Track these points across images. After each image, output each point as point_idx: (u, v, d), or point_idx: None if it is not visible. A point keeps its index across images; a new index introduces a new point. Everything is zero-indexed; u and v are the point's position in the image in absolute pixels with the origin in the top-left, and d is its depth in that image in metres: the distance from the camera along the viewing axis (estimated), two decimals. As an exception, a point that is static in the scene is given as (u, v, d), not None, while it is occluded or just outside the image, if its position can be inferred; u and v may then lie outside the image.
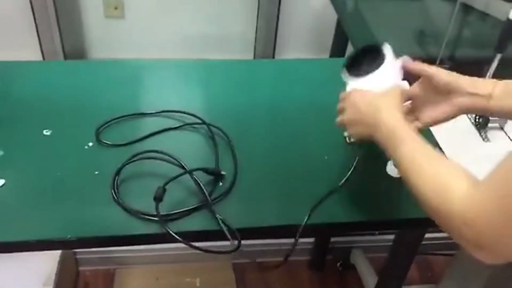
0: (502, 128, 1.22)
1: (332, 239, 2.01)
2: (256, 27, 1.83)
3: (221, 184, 0.94)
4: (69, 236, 0.83)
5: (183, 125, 1.09)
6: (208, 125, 1.07)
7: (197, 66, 1.32)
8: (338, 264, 2.05)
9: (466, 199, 0.58)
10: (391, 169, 1.00)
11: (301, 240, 0.88)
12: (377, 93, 0.83)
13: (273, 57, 1.85)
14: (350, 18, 1.55)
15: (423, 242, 1.95)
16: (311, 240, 2.00)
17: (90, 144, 1.01)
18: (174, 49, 1.80)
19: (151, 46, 1.78)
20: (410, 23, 1.54)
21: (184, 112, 1.10)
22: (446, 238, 0.73)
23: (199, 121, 1.09)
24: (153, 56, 1.67)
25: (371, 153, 0.97)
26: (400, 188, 0.94)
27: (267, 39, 1.88)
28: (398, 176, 0.97)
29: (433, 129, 1.20)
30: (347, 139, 1.07)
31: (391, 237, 1.40)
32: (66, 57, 1.70)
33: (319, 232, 1.46)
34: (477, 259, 0.58)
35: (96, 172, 0.95)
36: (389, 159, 0.93)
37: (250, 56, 1.87)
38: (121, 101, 1.14)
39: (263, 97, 1.22)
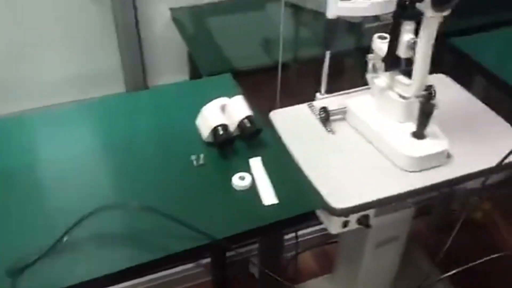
0: (344, 119, 1.30)
1: (228, 254, 2.02)
2: (121, 59, 1.82)
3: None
4: None
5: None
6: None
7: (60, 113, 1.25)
8: (240, 275, 2.06)
9: None
10: (236, 184, 1.02)
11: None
12: None
13: (146, 85, 1.83)
14: (193, 38, 1.58)
15: (318, 234, 2.04)
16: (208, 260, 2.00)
17: None
18: (45, 96, 1.73)
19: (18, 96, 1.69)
20: (255, 33, 1.60)
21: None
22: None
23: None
24: (21, 107, 1.60)
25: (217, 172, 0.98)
26: (247, 200, 0.97)
27: (134, 68, 1.87)
28: (242, 189, 1.00)
29: (280, 126, 1.26)
30: (194, 162, 1.08)
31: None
32: None
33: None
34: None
35: None
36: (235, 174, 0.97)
37: (122, 88, 1.85)
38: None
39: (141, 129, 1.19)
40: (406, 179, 1.12)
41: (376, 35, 1.23)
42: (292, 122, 1.30)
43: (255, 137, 1.11)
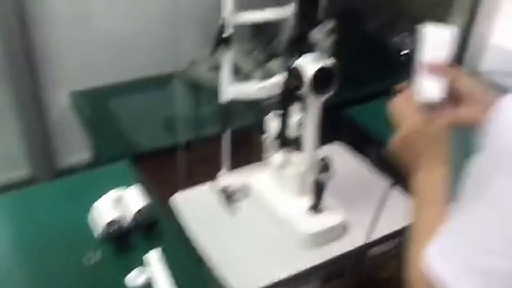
0: (246, 197, 1.31)
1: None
2: (25, 143, 1.76)
3: None
4: None
5: None
6: None
7: None
8: None
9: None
10: (131, 282, 0.99)
11: None
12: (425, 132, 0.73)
13: (51, 168, 1.77)
14: (92, 122, 1.56)
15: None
16: None
17: None
18: None
19: None
20: (156, 113, 1.61)
21: None
22: None
23: None
24: None
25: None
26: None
27: (38, 152, 1.81)
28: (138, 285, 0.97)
29: (182, 210, 1.25)
30: (86, 262, 1.03)
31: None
32: None
33: None
34: None
35: None
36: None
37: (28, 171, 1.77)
38: None
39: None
40: (306, 256, 1.14)
41: (268, 116, 1.28)
42: (194, 205, 1.29)
43: (153, 228, 1.08)
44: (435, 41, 0.77)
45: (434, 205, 0.70)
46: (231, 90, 1.23)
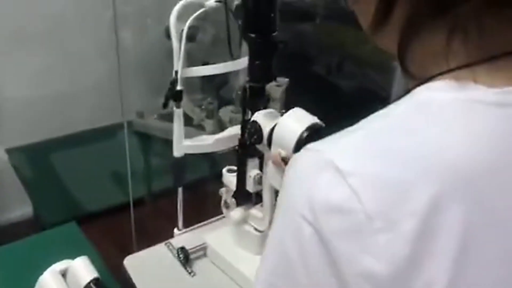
0: (205, 255, 1.24)
1: None
2: None
3: None
4: None
5: None
6: None
7: None
8: None
9: None
10: None
11: None
12: None
13: None
14: (32, 182, 1.44)
15: None
16: None
17: None
18: None
19: None
20: (102, 168, 1.52)
21: None
22: None
23: None
24: None
25: None
26: None
27: None
28: None
29: (136, 274, 1.16)
30: None
31: None
32: None
33: None
34: None
35: None
36: None
37: None
38: None
39: None
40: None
41: (225, 169, 1.23)
42: (150, 268, 1.21)
43: (104, 302, 0.99)
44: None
45: None
46: (185, 144, 1.18)
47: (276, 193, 1.04)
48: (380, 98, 2.07)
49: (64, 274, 0.98)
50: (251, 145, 1.05)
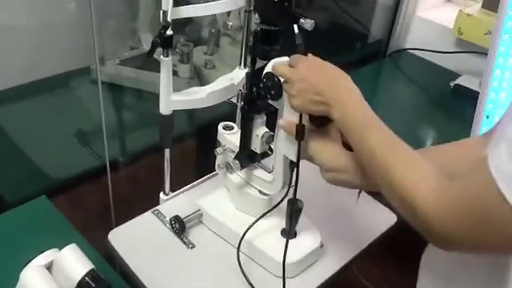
0: (200, 222, 1.11)
1: None
2: None
3: None
4: None
5: None
6: None
7: None
8: None
9: (434, 201, 0.61)
10: None
11: None
12: (334, 69, 0.79)
13: None
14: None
15: None
16: None
17: None
18: None
19: None
20: (66, 126, 1.29)
21: None
22: None
23: None
24: None
25: None
26: None
27: None
28: None
29: (124, 250, 1.02)
30: None
31: None
32: None
33: None
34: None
35: None
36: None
37: None
38: None
39: None
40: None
41: (220, 126, 1.07)
42: (139, 242, 1.06)
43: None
44: None
45: (379, 128, 0.73)
46: (174, 99, 1.00)
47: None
48: (358, 34, 1.94)
49: (49, 267, 0.81)
50: (263, 100, 0.90)
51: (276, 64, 0.83)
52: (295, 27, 0.79)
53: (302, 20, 0.80)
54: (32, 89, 1.40)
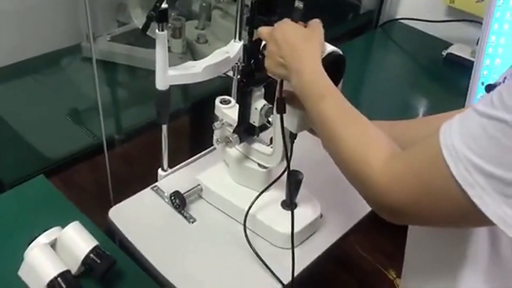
0: (200, 197, 1.11)
1: None
2: None
3: None
4: None
5: None
6: None
7: None
8: None
9: (384, 170, 0.61)
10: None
11: None
12: (302, 34, 0.78)
13: None
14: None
15: None
16: None
17: None
18: None
19: None
20: (58, 105, 1.27)
21: None
22: None
23: None
24: None
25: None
26: None
27: None
28: None
29: (125, 227, 1.02)
30: None
31: None
32: None
33: None
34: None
35: None
36: None
37: None
38: None
39: None
40: (288, 258, 0.99)
41: (217, 100, 1.06)
42: (140, 218, 1.06)
43: (109, 271, 0.84)
44: None
45: (332, 98, 0.72)
46: (171, 74, 0.99)
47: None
48: (350, 6, 1.93)
49: (53, 245, 0.81)
50: (258, 71, 0.89)
51: (260, 28, 0.82)
52: (298, 2, 0.78)
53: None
54: (22, 69, 1.37)
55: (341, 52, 0.79)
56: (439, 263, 0.71)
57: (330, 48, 0.79)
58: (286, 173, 0.95)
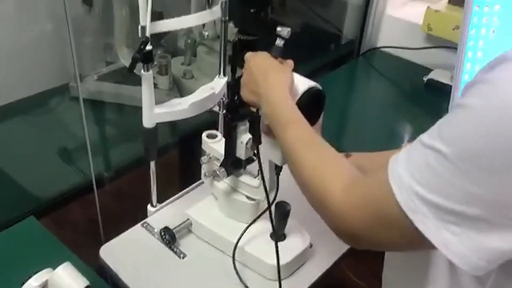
0: (190, 232, 1.12)
1: None
2: None
3: None
4: None
5: None
6: None
7: None
8: None
9: (341, 199, 0.63)
10: None
11: None
12: (274, 65, 0.83)
13: None
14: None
15: None
16: None
17: None
18: None
19: None
20: (49, 144, 1.29)
21: None
22: None
23: None
24: None
25: None
26: None
27: None
28: None
29: (116, 265, 1.02)
30: None
31: None
32: None
33: None
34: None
35: None
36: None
37: None
38: None
39: None
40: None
41: (204, 135, 1.09)
42: (131, 255, 1.06)
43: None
44: None
45: (297, 126, 0.75)
46: (157, 112, 1.01)
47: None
48: (331, 36, 1.98)
49: (44, 287, 0.81)
50: (242, 106, 0.92)
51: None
52: (279, 41, 0.82)
53: (279, 29, 0.82)
54: (11, 110, 1.39)
55: (320, 87, 0.82)
56: (411, 285, 0.74)
57: (309, 83, 0.82)
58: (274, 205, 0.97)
